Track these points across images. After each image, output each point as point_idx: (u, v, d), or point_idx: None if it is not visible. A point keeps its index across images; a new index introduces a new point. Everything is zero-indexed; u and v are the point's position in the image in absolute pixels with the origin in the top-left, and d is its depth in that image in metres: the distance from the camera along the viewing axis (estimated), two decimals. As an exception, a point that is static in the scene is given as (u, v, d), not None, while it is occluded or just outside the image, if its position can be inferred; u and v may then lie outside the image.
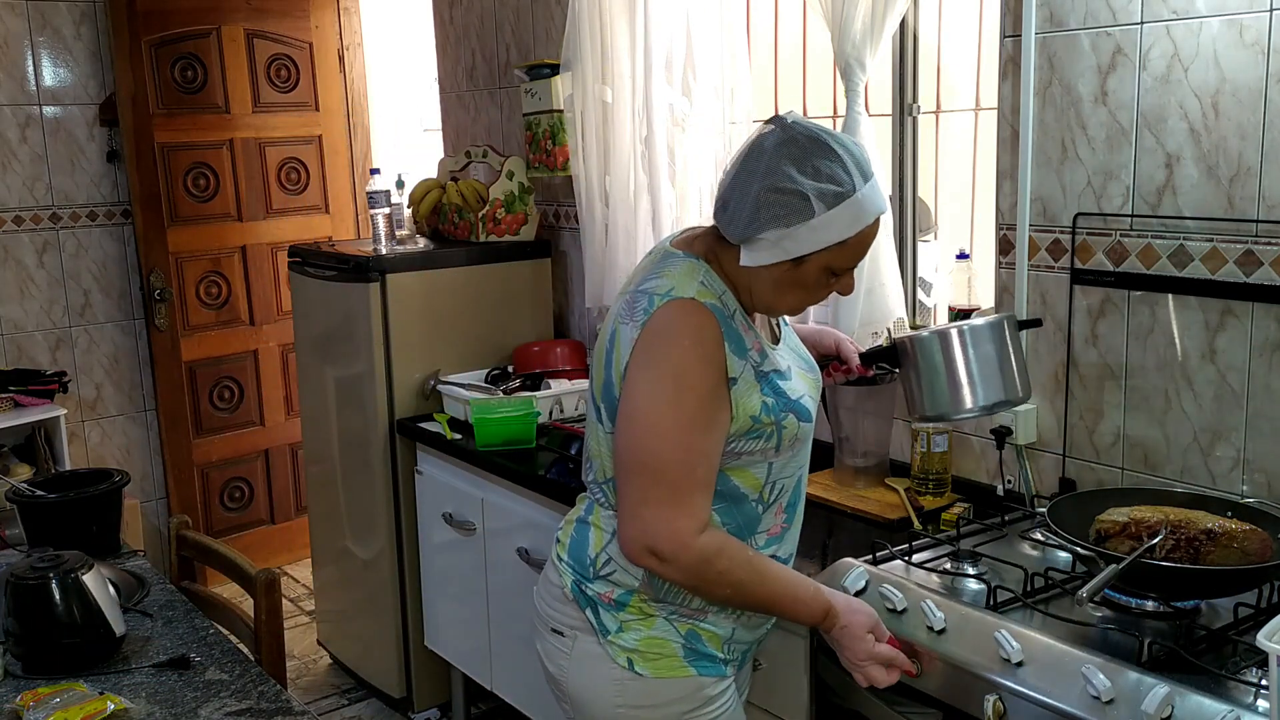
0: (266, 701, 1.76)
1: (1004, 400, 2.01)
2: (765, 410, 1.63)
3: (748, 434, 1.63)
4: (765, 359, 1.67)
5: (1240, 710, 1.46)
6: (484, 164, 3.67)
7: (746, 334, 1.64)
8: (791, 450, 1.71)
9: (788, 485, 1.74)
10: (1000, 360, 2.01)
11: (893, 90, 2.65)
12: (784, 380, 1.68)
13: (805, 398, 1.72)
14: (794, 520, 1.80)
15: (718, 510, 1.67)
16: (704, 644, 1.72)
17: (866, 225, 1.58)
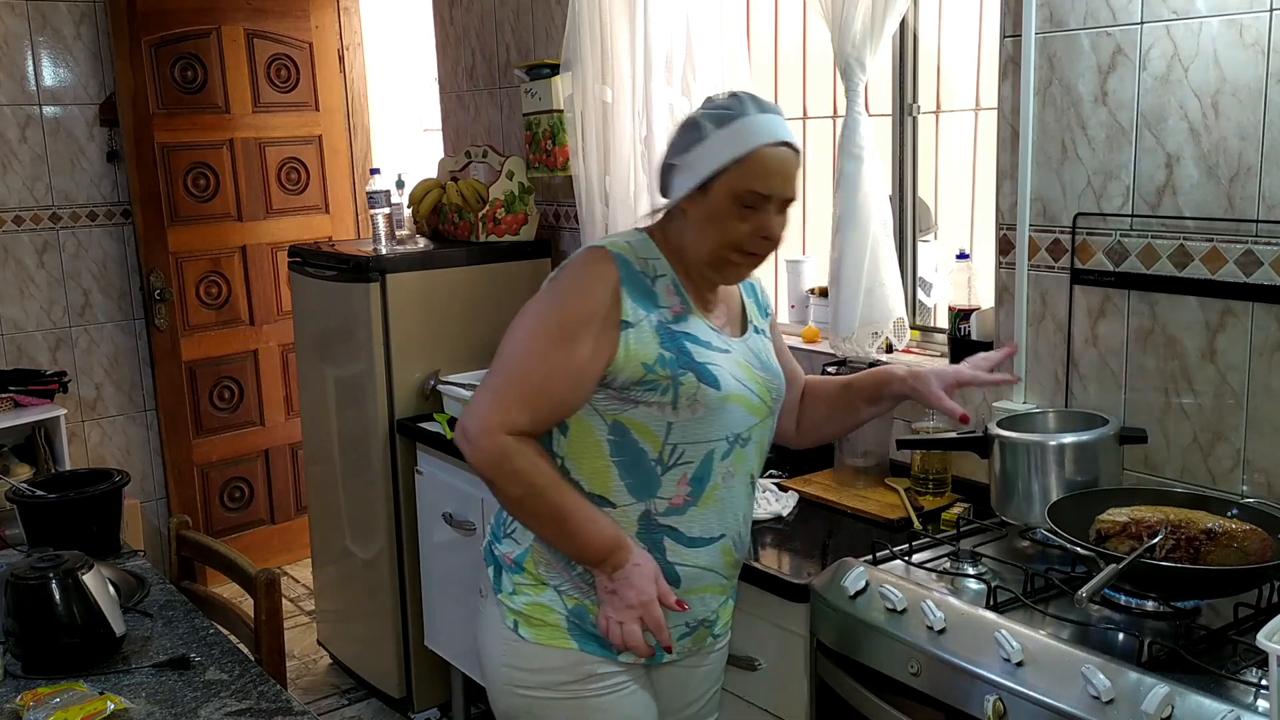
0: (266, 701, 1.76)
1: None
2: (661, 362, 1.66)
3: (640, 383, 1.66)
4: (682, 321, 1.70)
5: (1240, 710, 1.46)
6: (484, 164, 3.67)
7: (668, 296, 1.71)
8: (692, 412, 1.67)
9: (692, 455, 1.70)
10: (1087, 482, 2.04)
11: (893, 90, 2.65)
12: (698, 346, 1.70)
13: (723, 371, 1.70)
14: (702, 498, 1.72)
15: (617, 464, 1.70)
16: (591, 623, 1.72)
17: (761, 144, 1.64)
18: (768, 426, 1.81)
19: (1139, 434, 2.07)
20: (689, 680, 1.90)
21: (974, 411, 2.43)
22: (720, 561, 1.78)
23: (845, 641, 1.94)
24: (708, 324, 1.74)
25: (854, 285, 2.51)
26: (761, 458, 1.83)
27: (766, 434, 1.82)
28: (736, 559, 1.83)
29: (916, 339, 2.70)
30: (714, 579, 1.79)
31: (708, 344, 1.72)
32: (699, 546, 1.74)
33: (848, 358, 2.58)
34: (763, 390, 1.77)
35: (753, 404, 1.75)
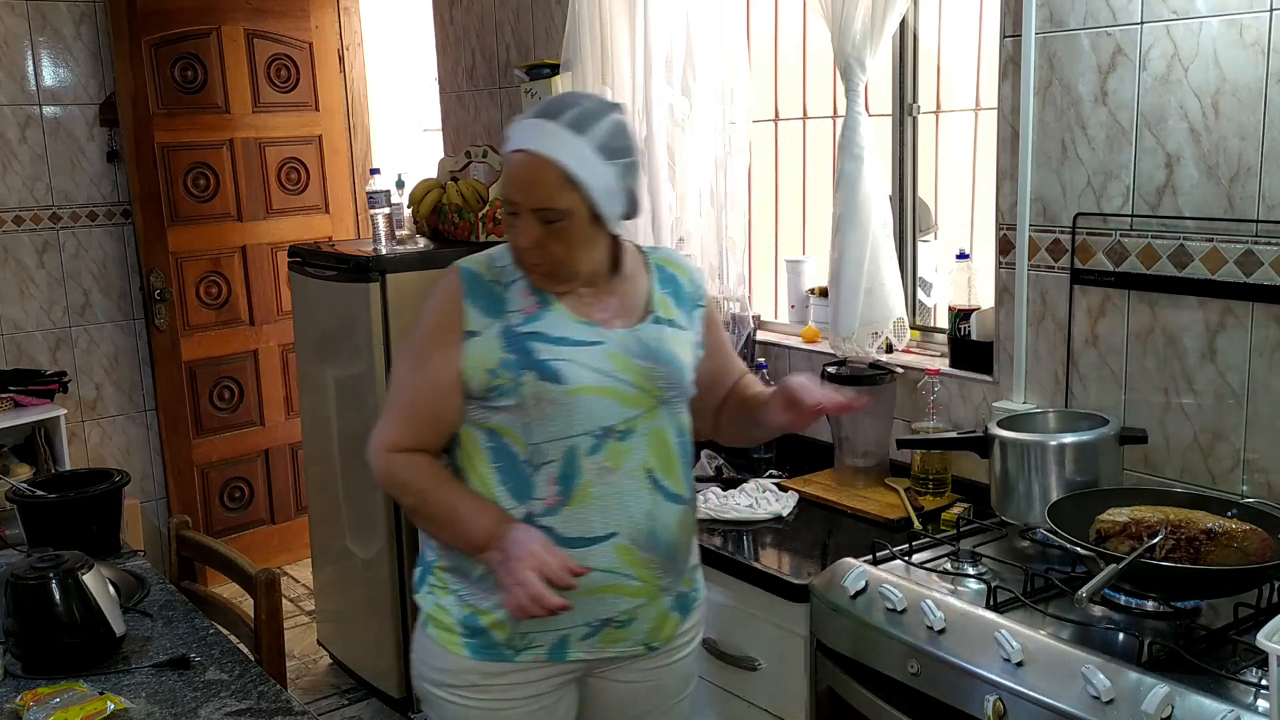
0: (266, 701, 1.76)
1: None
2: (503, 365, 1.68)
3: (491, 389, 1.68)
4: (534, 321, 1.70)
5: (1240, 710, 1.46)
6: (484, 164, 3.66)
7: (522, 298, 1.72)
8: (540, 410, 1.67)
9: (554, 453, 1.68)
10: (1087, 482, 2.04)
11: (893, 90, 2.65)
12: (545, 344, 1.68)
13: (573, 366, 1.68)
14: (572, 497, 1.69)
15: (498, 469, 1.72)
16: (485, 629, 1.74)
17: (507, 151, 1.66)
18: (660, 417, 1.73)
19: (1139, 434, 2.07)
20: (631, 696, 1.84)
21: (974, 411, 2.43)
22: (619, 561, 1.70)
23: (845, 641, 1.94)
24: (574, 318, 1.71)
25: (854, 285, 2.51)
26: (664, 450, 1.74)
27: (664, 424, 1.74)
28: (649, 559, 1.73)
29: (916, 339, 2.70)
30: (616, 580, 1.71)
31: (562, 339, 1.69)
32: (582, 546, 1.68)
33: (848, 358, 2.58)
34: (641, 380, 1.70)
35: (624, 395, 1.69)
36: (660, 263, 1.84)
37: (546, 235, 1.65)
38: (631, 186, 1.69)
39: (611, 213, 1.67)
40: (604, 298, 1.76)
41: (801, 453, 2.77)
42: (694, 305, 1.84)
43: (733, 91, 2.88)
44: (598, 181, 1.62)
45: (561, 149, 1.61)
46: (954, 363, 2.49)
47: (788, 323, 3.02)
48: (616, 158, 1.64)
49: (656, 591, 1.76)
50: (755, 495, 2.45)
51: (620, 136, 1.66)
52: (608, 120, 1.64)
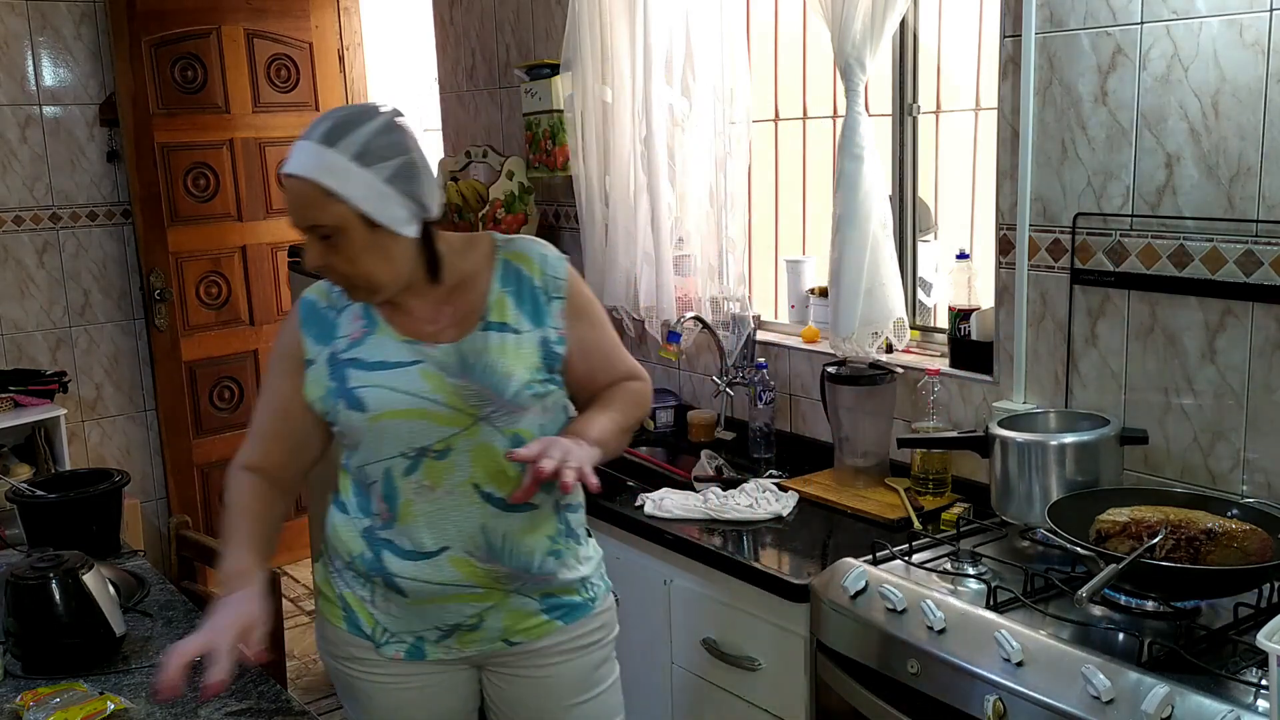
0: (266, 701, 1.76)
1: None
2: (328, 393, 1.72)
3: (324, 414, 1.75)
4: (358, 346, 1.72)
5: (1240, 710, 1.46)
6: (484, 164, 3.67)
7: (352, 322, 1.74)
8: (355, 437, 1.72)
9: (374, 474, 1.73)
10: (1087, 482, 2.04)
11: (893, 90, 2.65)
12: (360, 370, 1.70)
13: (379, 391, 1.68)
14: (399, 514, 1.71)
15: (353, 482, 1.79)
16: (355, 611, 1.81)
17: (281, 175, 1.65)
18: (482, 433, 1.69)
19: (1139, 434, 2.07)
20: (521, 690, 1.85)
21: (974, 411, 2.43)
22: (458, 574, 1.72)
23: (845, 641, 1.94)
24: (398, 338, 1.71)
25: (854, 285, 2.51)
26: (492, 463, 1.70)
27: (488, 438, 1.69)
28: (488, 570, 1.73)
29: (916, 339, 2.70)
30: (457, 591, 1.73)
31: (380, 364, 1.70)
32: (417, 560, 1.72)
33: (848, 358, 2.58)
34: (454, 399, 1.68)
35: (437, 415, 1.68)
36: (507, 257, 1.76)
37: (328, 252, 1.62)
38: (410, 188, 1.61)
39: (389, 218, 1.60)
40: (438, 308, 1.72)
41: (801, 453, 2.77)
42: (549, 299, 1.76)
43: (732, 91, 2.88)
44: (357, 190, 1.57)
45: (312, 164, 1.57)
46: (954, 363, 2.49)
47: (788, 323, 3.02)
48: (377, 162, 1.58)
49: (504, 595, 1.77)
50: (755, 495, 2.45)
51: (383, 140, 1.59)
52: (367, 127, 1.59)
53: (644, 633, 2.45)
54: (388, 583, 1.75)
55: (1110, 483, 2.05)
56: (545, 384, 1.73)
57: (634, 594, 2.46)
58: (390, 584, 1.74)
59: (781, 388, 2.88)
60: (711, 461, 2.67)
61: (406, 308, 1.72)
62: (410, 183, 1.61)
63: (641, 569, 2.43)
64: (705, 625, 2.29)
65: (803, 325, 2.91)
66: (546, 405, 1.75)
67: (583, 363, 1.78)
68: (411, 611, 1.76)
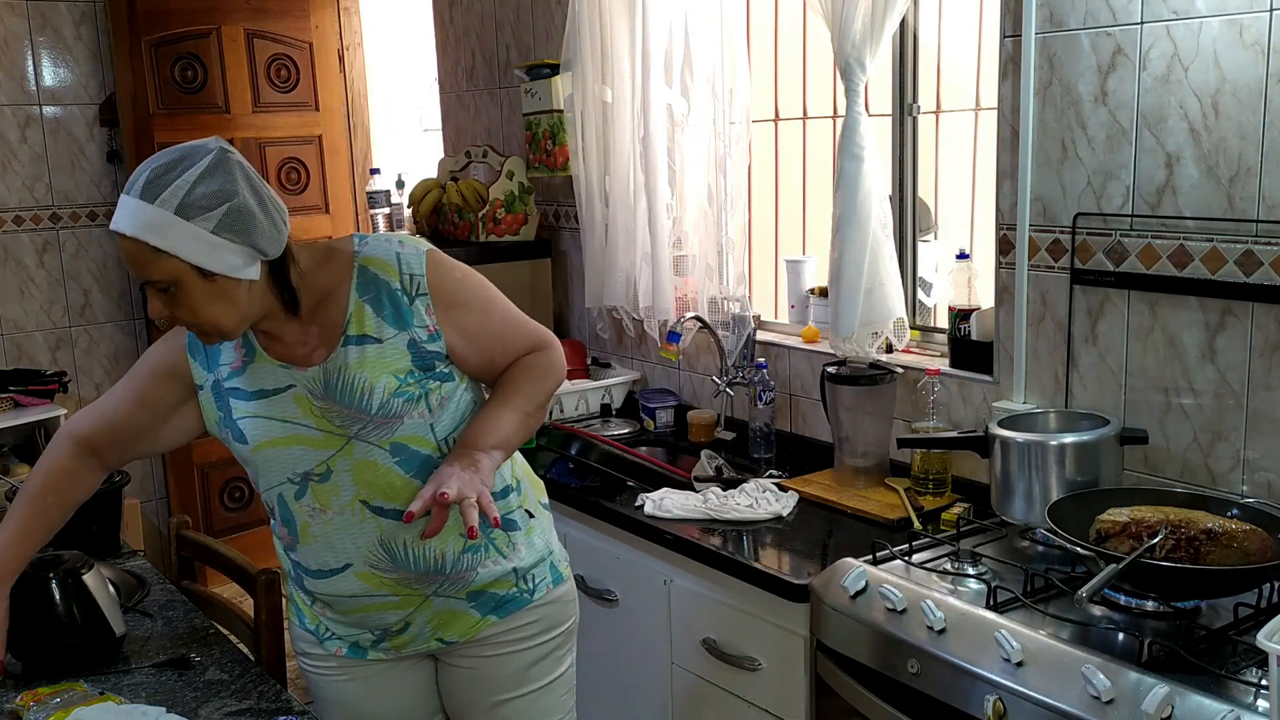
0: (266, 701, 1.76)
1: None
2: (220, 422, 1.74)
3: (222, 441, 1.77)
4: (237, 376, 1.72)
5: (1240, 710, 1.46)
6: (484, 164, 3.67)
7: (234, 351, 1.72)
8: (247, 466, 1.76)
9: (270, 500, 1.77)
10: (1087, 482, 2.04)
11: (893, 90, 2.65)
12: (240, 400, 1.71)
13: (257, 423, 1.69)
14: (300, 535, 1.74)
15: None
16: (300, 609, 1.89)
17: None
18: (357, 450, 1.67)
19: (1139, 434, 2.07)
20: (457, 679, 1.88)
21: (974, 411, 2.43)
22: (366, 586, 1.74)
23: (845, 641, 1.94)
24: (275, 364, 1.69)
25: (854, 285, 2.51)
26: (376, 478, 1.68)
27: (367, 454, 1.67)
28: (398, 577, 1.73)
29: (916, 339, 2.70)
30: (370, 601, 1.77)
31: (258, 392, 1.69)
32: (326, 577, 1.77)
33: (848, 358, 2.58)
34: (322, 423, 1.67)
35: (310, 439, 1.68)
36: (363, 264, 1.68)
37: (169, 303, 1.57)
38: (239, 234, 1.53)
39: (224, 266, 1.53)
40: (305, 329, 1.68)
41: (801, 453, 2.77)
42: (411, 298, 1.68)
43: (732, 91, 2.88)
44: (183, 245, 1.50)
45: (134, 223, 1.50)
46: (954, 363, 2.49)
47: (788, 323, 3.02)
48: (200, 214, 1.50)
49: (422, 599, 1.77)
50: (755, 495, 2.45)
51: (204, 189, 1.50)
52: (185, 175, 1.50)
53: (644, 633, 2.45)
54: (312, 598, 1.84)
55: (1110, 483, 2.05)
56: (422, 384, 1.68)
57: (634, 594, 2.46)
58: (314, 598, 1.83)
59: (781, 388, 2.88)
60: (711, 461, 2.67)
61: (277, 334, 1.68)
62: (239, 228, 1.53)
63: (641, 569, 2.43)
64: (705, 625, 2.29)
65: (803, 325, 2.91)
66: (431, 404, 1.69)
67: (473, 351, 1.72)
68: (344, 618, 1.83)
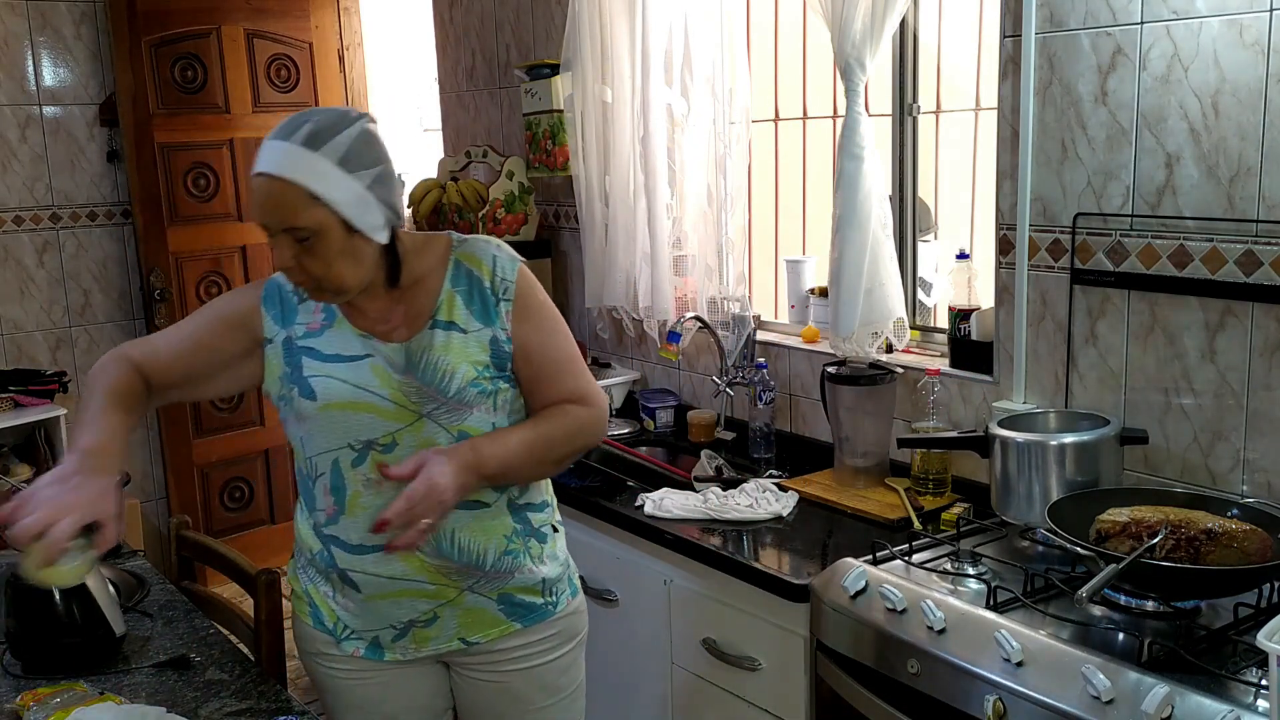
0: (266, 701, 1.76)
1: None
2: (284, 377, 1.76)
3: (279, 398, 1.78)
4: (314, 336, 1.75)
5: (1240, 710, 1.46)
6: (484, 164, 3.67)
7: (313, 313, 1.77)
8: (302, 423, 1.74)
9: (323, 465, 1.74)
10: (1087, 482, 2.04)
11: (893, 90, 2.65)
12: (314, 359, 1.74)
13: (331, 382, 1.71)
14: (346, 507, 1.74)
15: (299, 482, 1.82)
16: (319, 607, 1.85)
17: (252, 174, 1.63)
18: (426, 429, 1.71)
19: (1140, 434, 2.07)
20: (482, 694, 1.87)
21: (974, 411, 2.43)
22: (406, 568, 1.74)
23: (845, 641, 1.94)
24: (354, 331, 1.74)
25: (854, 285, 2.51)
26: None
27: (433, 435, 1.71)
28: (438, 564, 1.75)
29: (916, 339, 2.70)
30: (406, 585, 1.75)
31: (334, 355, 1.73)
32: (365, 554, 1.74)
33: (848, 358, 2.58)
34: (397, 395, 1.70)
35: (381, 409, 1.70)
36: (459, 258, 1.77)
37: (302, 254, 1.63)
38: (387, 195, 1.64)
39: (367, 223, 1.62)
40: (391, 307, 1.74)
41: (801, 453, 2.77)
42: (498, 300, 1.75)
43: (732, 91, 2.88)
44: (341, 195, 1.59)
45: (295, 167, 1.58)
46: (954, 363, 2.49)
47: (788, 323, 3.02)
48: (361, 169, 1.60)
49: (456, 592, 1.78)
50: (755, 495, 2.45)
51: (364, 147, 1.61)
52: (347, 133, 1.60)
53: (644, 633, 2.45)
54: (342, 578, 1.79)
55: (1110, 483, 2.05)
56: (494, 380, 1.73)
57: (634, 594, 2.46)
58: (344, 579, 1.79)
59: (781, 388, 2.88)
60: (711, 461, 2.67)
61: (362, 306, 1.75)
62: (388, 190, 1.64)
63: (641, 569, 2.43)
64: (705, 625, 2.29)
65: (803, 325, 2.91)
66: (498, 403, 1.75)
67: (525, 365, 1.76)
68: (367, 608, 1.79)
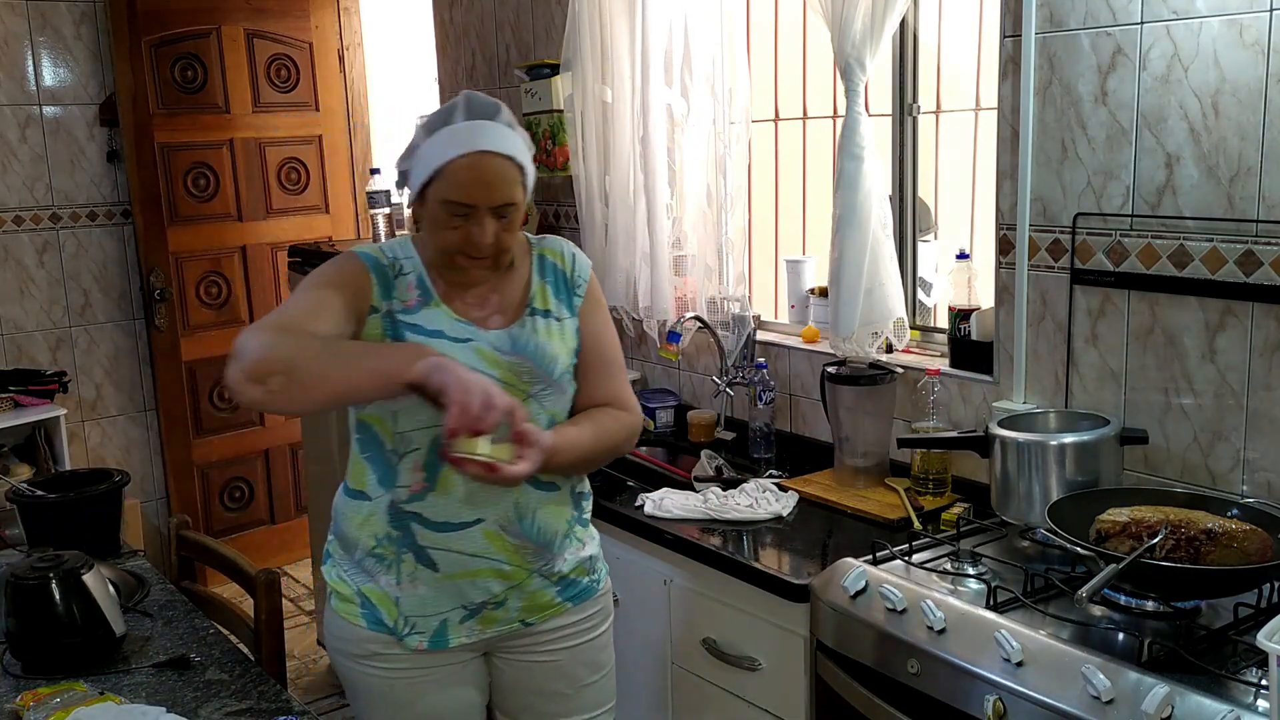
0: (266, 701, 1.76)
1: None
2: None
3: None
4: (414, 314, 1.77)
5: (1240, 710, 1.46)
6: (484, 164, 3.65)
7: (409, 290, 1.78)
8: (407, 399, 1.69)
9: (419, 441, 1.75)
10: (1087, 482, 2.04)
11: (893, 90, 2.65)
12: (419, 336, 1.76)
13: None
14: (438, 483, 1.76)
15: (366, 460, 1.81)
16: (375, 605, 1.82)
17: (455, 156, 1.68)
18: (530, 410, 1.76)
19: (1140, 434, 2.07)
20: (533, 674, 1.91)
21: (974, 411, 2.43)
22: (489, 546, 1.78)
23: (845, 641, 1.94)
24: (451, 315, 1.78)
25: (854, 285, 2.51)
26: None
27: (539, 417, 1.77)
28: (517, 545, 1.80)
29: (916, 339, 2.70)
30: (485, 564, 1.79)
31: (437, 333, 1.76)
32: (449, 531, 1.77)
33: (848, 358, 2.58)
34: (507, 375, 1.76)
35: None
36: (542, 252, 1.88)
37: (500, 228, 1.72)
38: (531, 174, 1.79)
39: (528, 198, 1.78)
40: (485, 295, 1.81)
41: (801, 453, 2.77)
42: (571, 293, 1.87)
43: (731, 91, 2.88)
44: (531, 173, 1.75)
45: (515, 146, 1.72)
46: (954, 363, 2.49)
47: (788, 323, 3.02)
48: (530, 150, 1.76)
49: (525, 575, 1.83)
50: (755, 495, 2.45)
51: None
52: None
53: (644, 633, 2.45)
54: (418, 558, 1.78)
55: (1110, 483, 2.05)
56: (574, 369, 1.85)
57: (634, 594, 2.46)
58: (421, 558, 1.78)
59: (781, 388, 2.88)
60: (711, 461, 2.67)
61: (462, 286, 1.79)
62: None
63: (641, 569, 2.43)
64: (705, 625, 2.29)
65: (803, 325, 2.91)
66: (571, 392, 1.85)
67: (584, 358, 1.87)
68: (441, 589, 1.79)
